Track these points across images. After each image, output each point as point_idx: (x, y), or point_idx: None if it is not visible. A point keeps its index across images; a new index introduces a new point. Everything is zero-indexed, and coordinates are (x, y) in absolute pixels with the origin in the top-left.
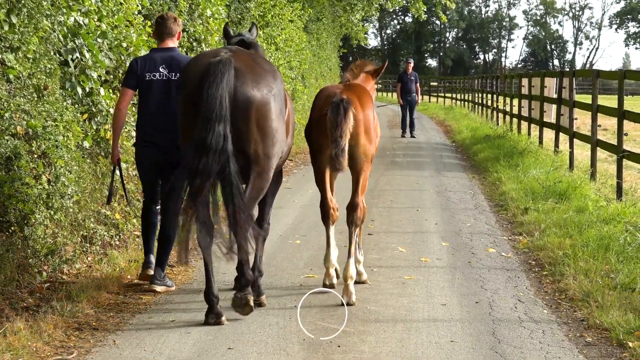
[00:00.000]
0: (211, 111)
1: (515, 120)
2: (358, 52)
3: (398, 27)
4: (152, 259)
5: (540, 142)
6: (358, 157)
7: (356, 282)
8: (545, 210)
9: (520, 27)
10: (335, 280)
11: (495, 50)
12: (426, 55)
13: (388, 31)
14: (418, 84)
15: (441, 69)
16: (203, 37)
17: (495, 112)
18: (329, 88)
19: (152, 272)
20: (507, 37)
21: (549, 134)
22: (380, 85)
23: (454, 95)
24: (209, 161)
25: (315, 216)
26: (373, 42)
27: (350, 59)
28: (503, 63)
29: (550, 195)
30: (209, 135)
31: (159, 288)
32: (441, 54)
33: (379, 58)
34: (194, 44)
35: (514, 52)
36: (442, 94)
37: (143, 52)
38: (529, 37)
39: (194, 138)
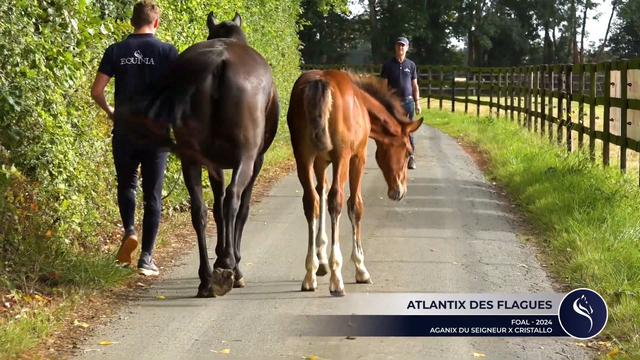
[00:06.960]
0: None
1: (599, 142)
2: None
3: None
4: (133, 227)
5: None
6: (336, 144)
7: (359, 282)
8: None
9: None
10: (315, 285)
11: (564, 23)
12: (447, 30)
13: None
14: (415, 80)
15: (473, 54)
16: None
17: (565, 129)
18: (308, 74)
19: (135, 238)
20: (585, 2)
21: None
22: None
23: (495, 100)
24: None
25: (257, 303)
26: (357, 8)
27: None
28: (579, 44)
29: None
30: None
31: (147, 272)
32: (473, 28)
33: (368, 40)
34: (50, 10)
35: (597, 26)
36: (475, 97)
37: None
38: (622, 0)
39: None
